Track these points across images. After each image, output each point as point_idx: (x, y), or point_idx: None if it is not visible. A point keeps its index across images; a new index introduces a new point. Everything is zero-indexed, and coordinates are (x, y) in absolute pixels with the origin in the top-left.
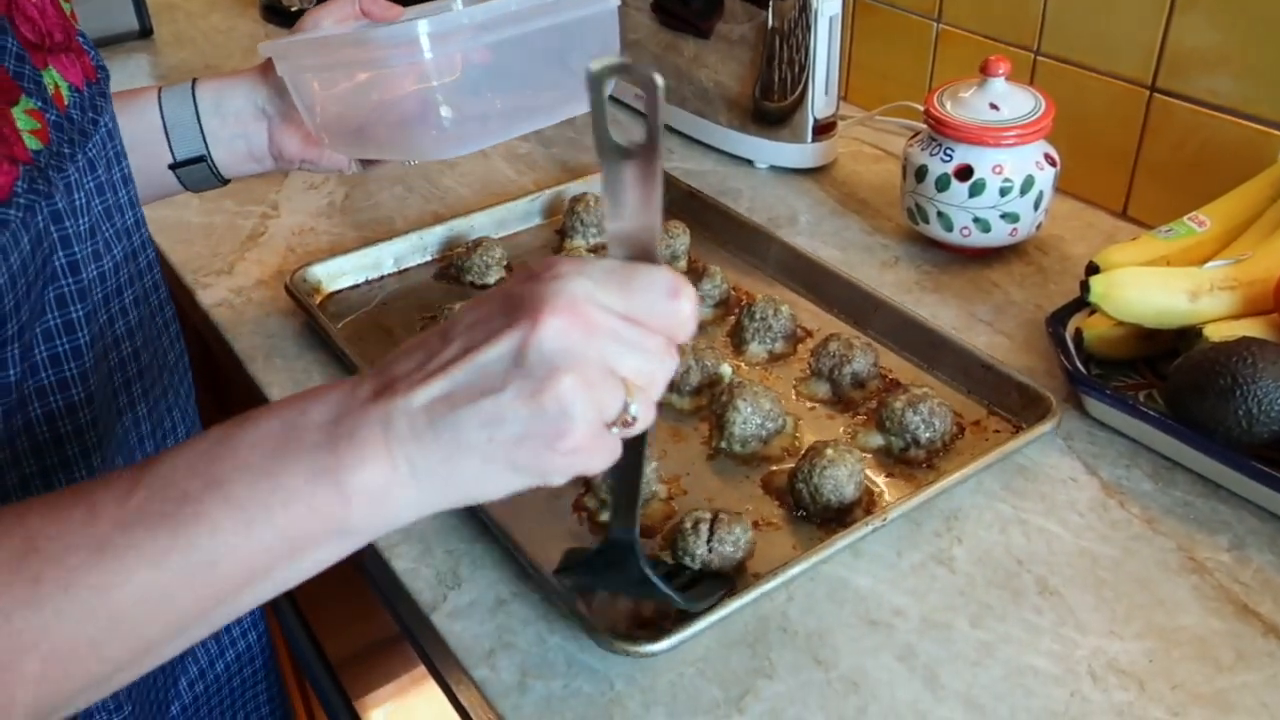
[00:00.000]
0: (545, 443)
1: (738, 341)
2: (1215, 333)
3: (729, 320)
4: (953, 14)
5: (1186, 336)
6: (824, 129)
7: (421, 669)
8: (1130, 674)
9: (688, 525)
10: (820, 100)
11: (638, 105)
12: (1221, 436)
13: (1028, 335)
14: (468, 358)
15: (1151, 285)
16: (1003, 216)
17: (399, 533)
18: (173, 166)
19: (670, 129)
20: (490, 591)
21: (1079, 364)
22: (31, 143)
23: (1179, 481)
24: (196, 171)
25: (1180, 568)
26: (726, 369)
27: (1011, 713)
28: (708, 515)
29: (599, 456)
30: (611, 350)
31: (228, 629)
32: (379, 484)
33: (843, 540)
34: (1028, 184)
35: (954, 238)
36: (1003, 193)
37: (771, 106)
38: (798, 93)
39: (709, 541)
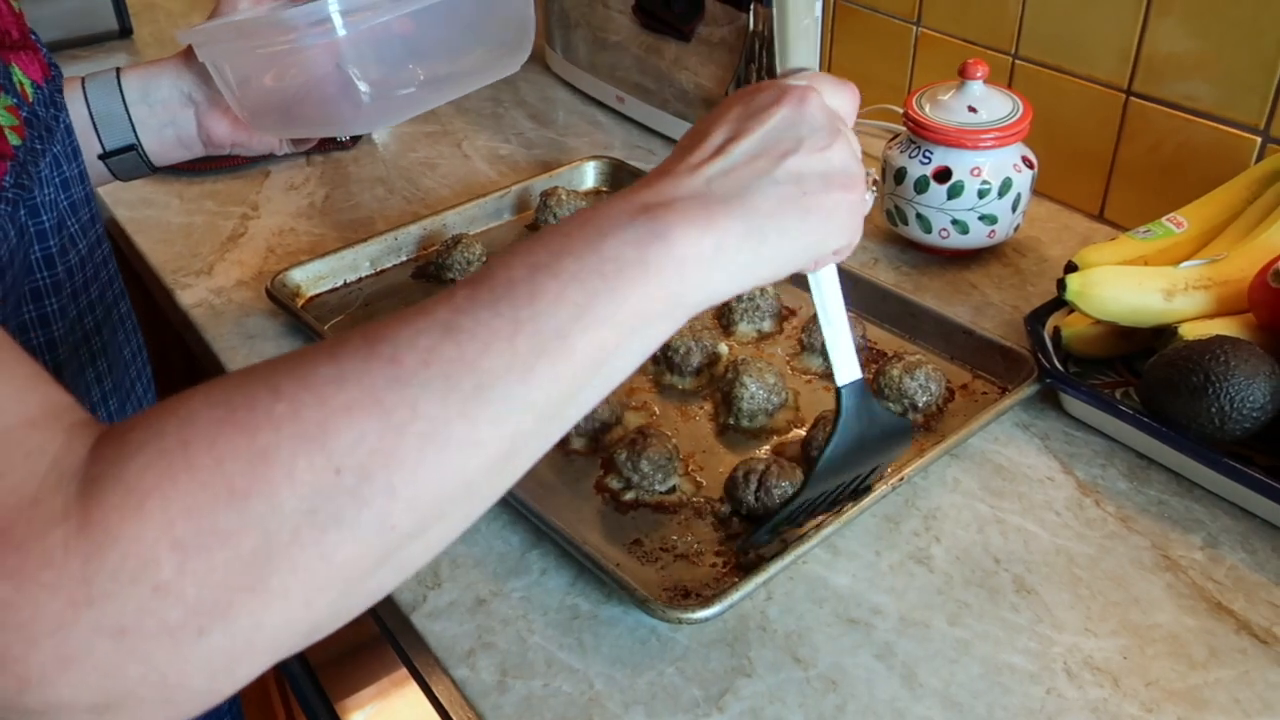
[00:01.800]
0: (842, 188)
1: (726, 322)
2: (1190, 331)
3: None
4: (932, 18)
5: (1162, 335)
6: None
7: (402, 671)
8: (1105, 671)
9: (739, 475)
10: None
11: None
12: (1195, 434)
13: (1006, 336)
14: (754, 131)
15: (1126, 284)
16: (981, 218)
17: None
18: (102, 157)
19: (651, 131)
20: (470, 591)
21: (1056, 362)
22: (12, 138)
23: (1154, 480)
24: (126, 161)
25: (1155, 566)
26: (724, 348)
27: (989, 710)
28: (760, 465)
29: (859, 217)
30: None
31: None
32: (709, 247)
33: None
34: (1006, 186)
35: (933, 239)
36: (981, 195)
37: None
38: None
39: (756, 491)
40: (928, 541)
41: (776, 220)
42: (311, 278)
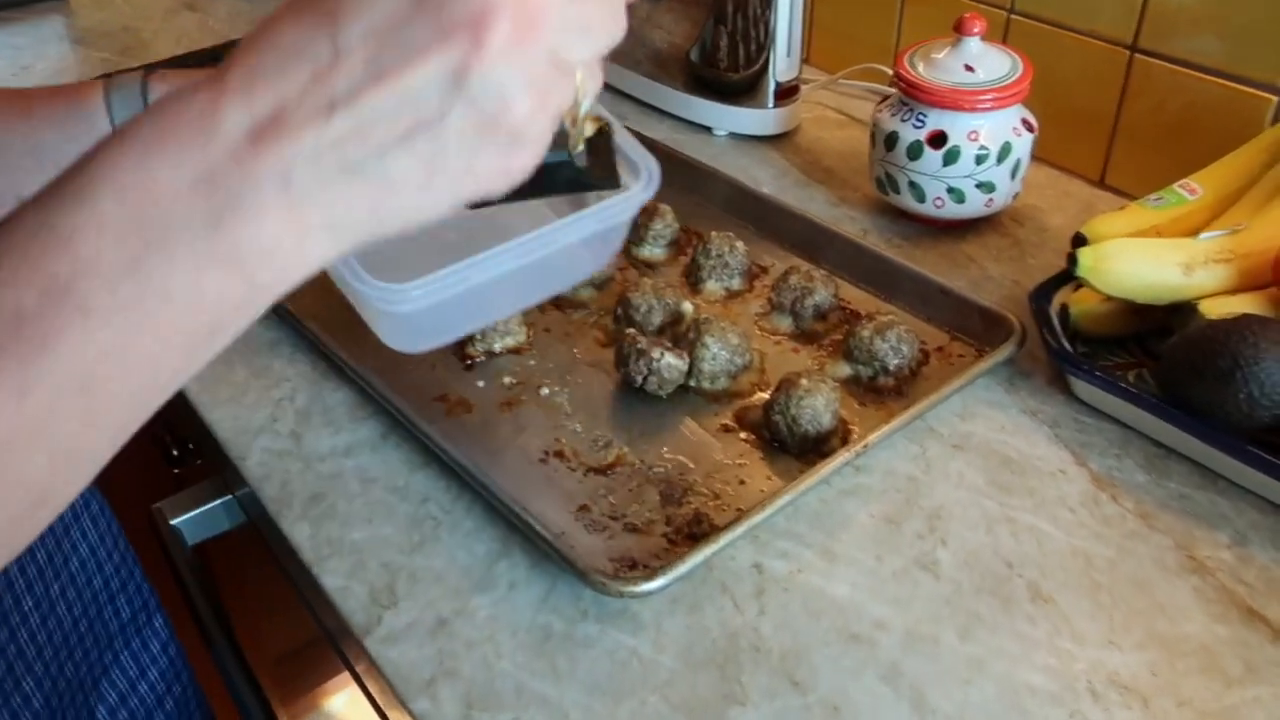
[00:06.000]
0: (498, 164)
1: (694, 280)
2: (1212, 309)
3: (681, 260)
4: None
5: (1180, 312)
6: (786, 93)
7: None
8: (1133, 690)
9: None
10: (782, 62)
11: None
12: (1220, 421)
13: (1006, 309)
14: (385, 84)
15: (1143, 258)
16: (978, 186)
17: (328, 545)
18: None
19: (622, 94)
20: (430, 610)
21: (1065, 342)
22: None
23: (1174, 471)
24: None
25: (1179, 568)
26: (688, 306)
27: None
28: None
29: (540, 151)
30: (562, 41)
31: (137, 659)
32: (289, 245)
33: (829, 468)
34: (1005, 151)
35: (926, 209)
36: (979, 161)
37: (729, 70)
38: (758, 55)
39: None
40: (933, 544)
41: (387, 204)
42: None
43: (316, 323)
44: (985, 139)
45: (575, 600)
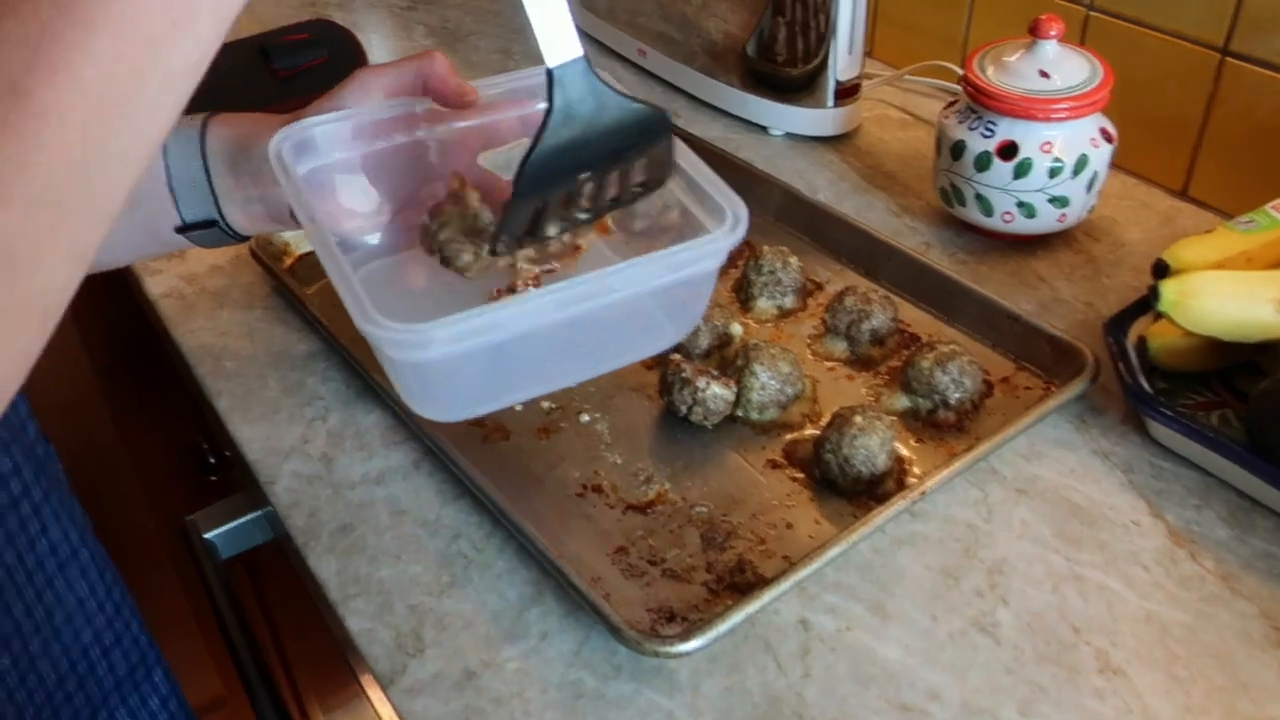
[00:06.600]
0: None
1: (744, 297)
2: None
3: (731, 273)
4: None
5: (1271, 351)
6: (847, 92)
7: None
8: None
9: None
10: (843, 59)
11: None
12: None
13: (1078, 337)
14: None
15: (1232, 294)
16: (1051, 200)
17: (354, 583)
18: (180, 230)
19: (676, 88)
20: (458, 661)
21: (1142, 379)
22: None
23: (1259, 527)
24: (208, 235)
25: (1265, 640)
26: (737, 328)
27: None
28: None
29: None
30: None
31: (134, 716)
32: None
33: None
34: (1081, 164)
35: (994, 223)
36: (1052, 174)
37: (787, 64)
38: (818, 48)
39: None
40: (993, 603)
41: None
42: (301, 235)
43: (350, 340)
44: (1060, 151)
45: (609, 655)
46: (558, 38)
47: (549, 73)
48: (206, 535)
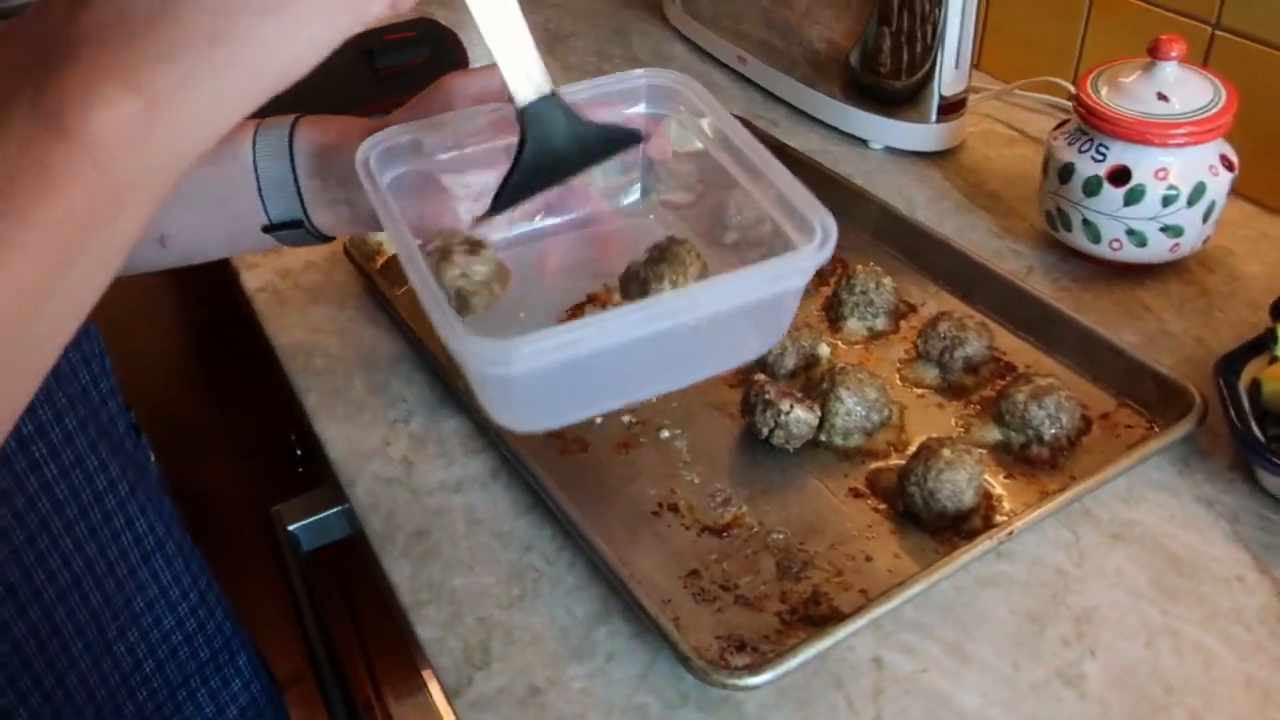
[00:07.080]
0: None
1: (834, 316)
2: None
3: (822, 291)
4: None
5: None
6: (952, 107)
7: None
8: None
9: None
10: (949, 74)
11: None
12: None
13: (1186, 374)
14: None
15: None
16: (1163, 229)
17: (427, 589)
18: (267, 229)
19: (774, 98)
20: (523, 677)
21: (1254, 425)
22: None
23: None
24: (293, 234)
25: None
26: (825, 349)
27: None
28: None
29: None
30: None
31: (215, 697)
32: (135, 107)
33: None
34: (1198, 192)
35: (1101, 250)
36: (1166, 202)
37: (891, 76)
38: (924, 59)
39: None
40: (1080, 654)
41: (231, 36)
42: None
43: (435, 345)
44: (1175, 178)
45: (676, 681)
46: (526, 75)
47: (519, 112)
48: (290, 527)
